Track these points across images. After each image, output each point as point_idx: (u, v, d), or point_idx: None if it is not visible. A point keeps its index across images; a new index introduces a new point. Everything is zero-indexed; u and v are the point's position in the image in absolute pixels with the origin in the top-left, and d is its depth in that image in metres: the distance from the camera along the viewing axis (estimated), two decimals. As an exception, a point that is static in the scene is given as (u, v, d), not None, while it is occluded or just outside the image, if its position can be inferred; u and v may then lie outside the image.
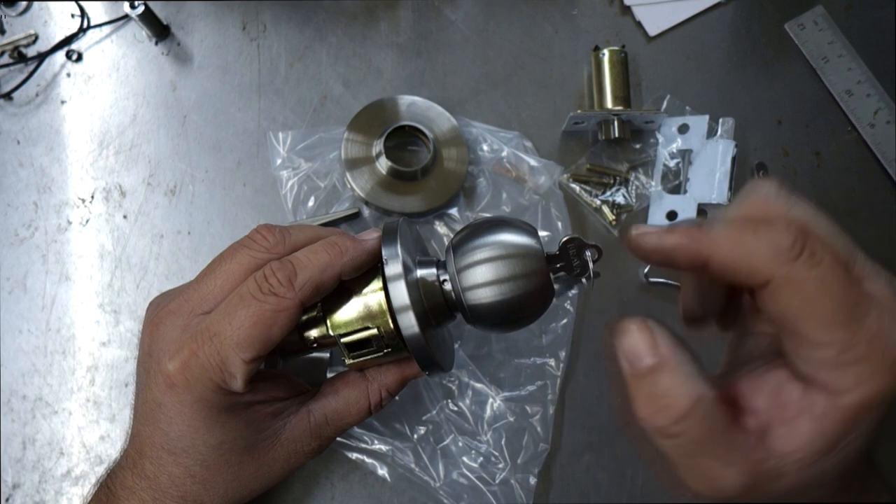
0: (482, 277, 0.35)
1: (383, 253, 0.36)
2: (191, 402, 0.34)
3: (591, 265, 0.36)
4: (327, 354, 0.46)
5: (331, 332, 0.37)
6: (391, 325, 0.36)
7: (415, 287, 0.36)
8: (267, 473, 0.38)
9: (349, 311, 0.37)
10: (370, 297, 0.37)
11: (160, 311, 0.36)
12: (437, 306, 0.38)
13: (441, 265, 0.38)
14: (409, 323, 0.35)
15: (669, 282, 0.53)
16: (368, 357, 0.38)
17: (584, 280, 0.37)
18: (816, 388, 0.27)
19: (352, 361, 0.38)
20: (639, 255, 0.30)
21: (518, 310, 0.36)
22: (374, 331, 0.37)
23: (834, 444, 0.27)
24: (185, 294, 0.36)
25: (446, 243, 0.53)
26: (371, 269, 0.38)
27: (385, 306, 0.36)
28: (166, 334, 0.35)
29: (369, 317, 0.37)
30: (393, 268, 0.35)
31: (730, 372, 0.31)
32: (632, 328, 0.28)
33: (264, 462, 0.37)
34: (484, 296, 0.35)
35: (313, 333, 0.38)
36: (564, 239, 0.37)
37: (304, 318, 0.38)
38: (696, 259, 0.28)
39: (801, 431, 0.27)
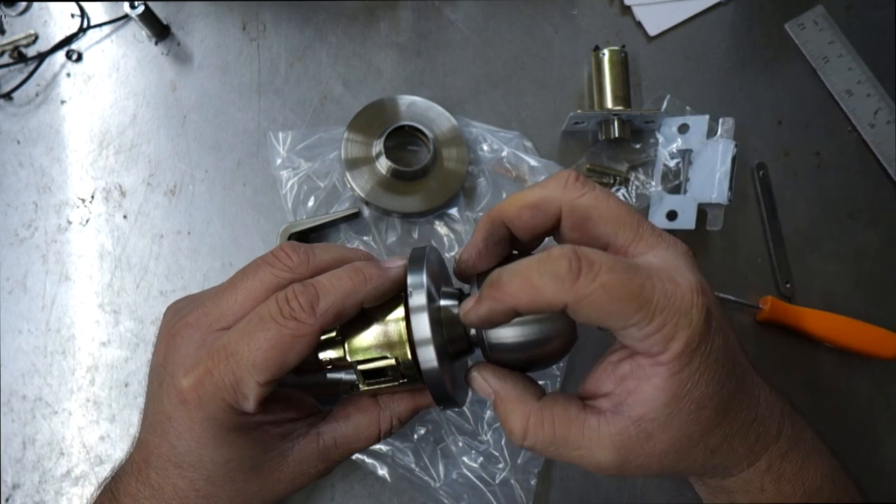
0: None
1: (408, 281, 0.35)
2: (201, 420, 0.33)
3: None
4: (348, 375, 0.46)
5: (348, 358, 0.37)
6: (409, 357, 0.36)
7: (437, 320, 0.36)
8: (271, 492, 0.37)
9: (368, 338, 0.37)
10: (391, 326, 0.37)
11: (178, 323, 0.36)
12: (456, 340, 0.37)
13: (465, 298, 0.37)
14: (428, 357, 0.34)
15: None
16: (383, 386, 0.37)
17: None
18: (639, 357, 0.32)
19: (366, 388, 0.38)
20: (471, 272, 0.37)
21: (539, 352, 0.35)
22: (392, 361, 0.36)
23: (677, 394, 0.32)
24: (205, 307, 0.36)
25: (446, 244, 0.53)
26: (394, 295, 0.37)
27: (405, 337, 0.36)
28: (182, 348, 0.35)
29: (388, 345, 0.36)
30: (417, 299, 0.35)
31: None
32: (470, 378, 0.36)
33: (269, 481, 0.37)
34: (506, 336, 0.35)
35: (330, 355, 0.38)
36: None
37: (322, 338, 0.37)
38: (508, 315, 0.32)
39: (643, 394, 0.32)
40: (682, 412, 0.32)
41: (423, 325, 0.34)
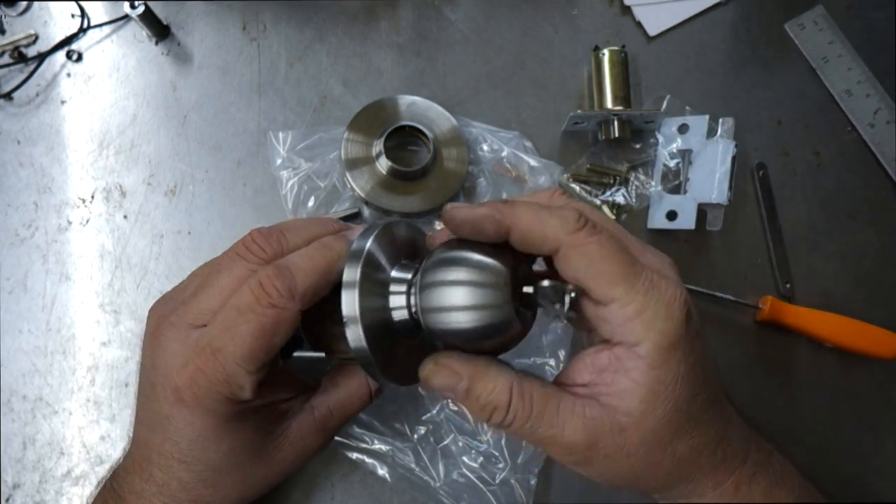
0: (439, 301, 0.33)
1: (349, 254, 0.34)
2: (201, 415, 0.34)
3: (566, 308, 0.32)
4: (322, 354, 0.46)
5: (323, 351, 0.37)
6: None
7: (380, 294, 0.35)
8: (277, 472, 0.38)
9: (328, 318, 0.37)
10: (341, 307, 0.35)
11: (161, 323, 0.36)
12: (404, 320, 0.35)
13: (417, 275, 0.35)
14: (355, 336, 0.33)
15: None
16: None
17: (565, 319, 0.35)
18: (618, 348, 0.32)
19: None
20: (452, 227, 0.34)
21: (474, 341, 0.33)
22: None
23: (654, 391, 0.31)
24: (184, 307, 0.36)
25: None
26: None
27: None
28: (168, 347, 0.35)
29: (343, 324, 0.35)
30: (349, 273, 0.33)
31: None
32: (428, 374, 0.33)
33: (274, 462, 0.38)
34: (439, 321, 0.33)
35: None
36: (542, 285, 0.32)
37: None
38: (501, 228, 0.32)
39: (620, 387, 0.32)
40: (656, 411, 0.32)
41: (350, 302, 0.33)
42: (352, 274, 0.33)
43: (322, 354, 0.46)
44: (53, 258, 0.52)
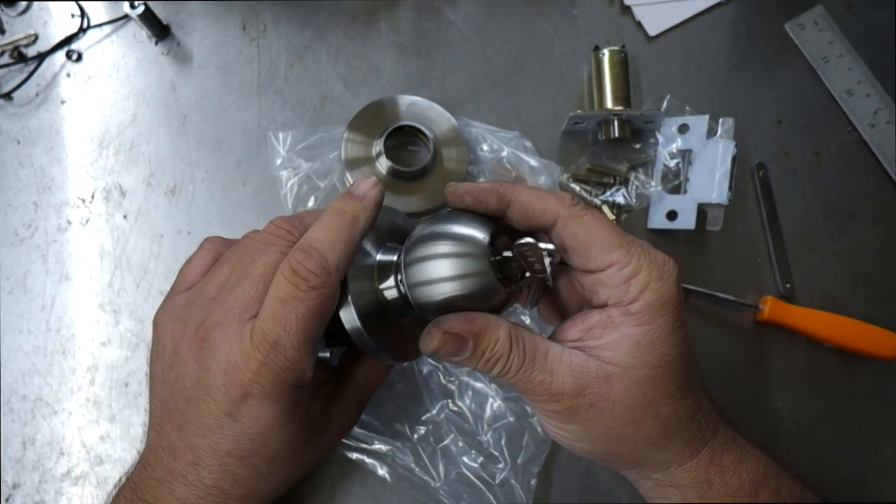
0: (423, 275, 0.34)
1: None
2: (268, 406, 0.35)
3: (548, 270, 0.34)
4: (328, 354, 0.46)
5: None
6: None
7: (369, 277, 0.37)
8: (321, 452, 0.41)
9: None
10: None
11: (203, 326, 0.35)
12: (395, 299, 0.37)
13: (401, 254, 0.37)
14: (349, 317, 0.35)
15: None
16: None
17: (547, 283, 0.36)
18: (611, 308, 0.34)
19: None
20: (454, 200, 0.36)
21: (462, 310, 0.35)
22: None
23: (641, 343, 0.33)
24: (226, 303, 0.36)
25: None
26: None
27: None
28: (222, 347, 0.35)
29: None
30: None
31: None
32: (435, 345, 0.34)
33: (320, 444, 0.41)
34: (426, 294, 0.35)
35: None
36: (519, 242, 0.34)
37: None
38: (502, 200, 0.35)
39: (608, 340, 0.34)
40: (642, 364, 0.33)
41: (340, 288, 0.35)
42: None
43: (326, 355, 0.46)
44: (53, 258, 0.52)
